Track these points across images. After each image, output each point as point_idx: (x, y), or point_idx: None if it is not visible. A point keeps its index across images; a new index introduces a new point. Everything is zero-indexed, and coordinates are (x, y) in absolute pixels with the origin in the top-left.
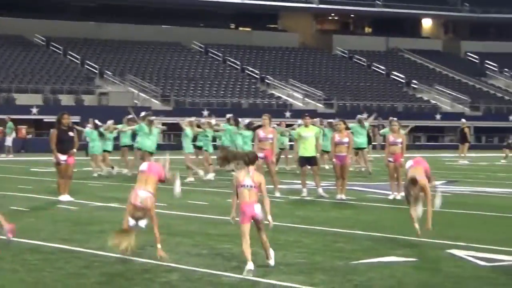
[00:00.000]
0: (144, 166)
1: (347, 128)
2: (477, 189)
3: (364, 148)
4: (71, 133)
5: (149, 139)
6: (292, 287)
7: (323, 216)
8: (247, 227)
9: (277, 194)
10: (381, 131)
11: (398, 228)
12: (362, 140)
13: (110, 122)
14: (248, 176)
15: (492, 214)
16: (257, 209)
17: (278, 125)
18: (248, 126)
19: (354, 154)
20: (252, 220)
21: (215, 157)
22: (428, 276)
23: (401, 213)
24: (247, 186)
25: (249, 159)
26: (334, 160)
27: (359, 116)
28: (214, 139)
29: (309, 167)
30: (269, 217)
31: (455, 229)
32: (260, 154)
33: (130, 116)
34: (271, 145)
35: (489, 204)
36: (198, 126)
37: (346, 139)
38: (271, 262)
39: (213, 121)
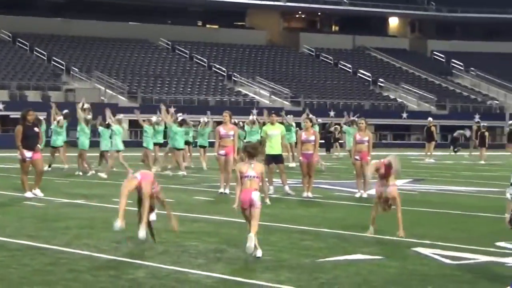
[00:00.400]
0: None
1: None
2: (442, 187)
3: None
4: (36, 129)
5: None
6: (259, 284)
7: (289, 214)
8: (247, 211)
9: (227, 191)
10: (343, 128)
11: (365, 226)
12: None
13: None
14: (251, 168)
15: (458, 212)
16: (255, 196)
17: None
18: (181, 123)
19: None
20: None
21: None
22: (394, 274)
23: (367, 211)
24: (250, 177)
25: (254, 152)
26: (300, 158)
27: (352, 118)
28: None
29: (275, 165)
30: (267, 200)
31: (421, 227)
32: (221, 152)
33: (65, 112)
34: (232, 142)
35: (454, 203)
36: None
37: (312, 137)
38: (258, 253)
39: (153, 118)
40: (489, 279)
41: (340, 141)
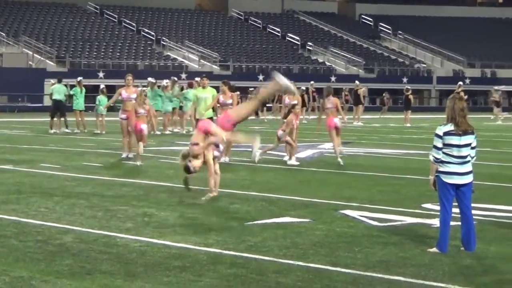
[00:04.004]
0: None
1: (233, 90)
2: (370, 150)
3: None
4: None
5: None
6: (187, 248)
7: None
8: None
9: (131, 155)
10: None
11: (293, 189)
12: None
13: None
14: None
15: (385, 175)
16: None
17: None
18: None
19: None
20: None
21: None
22: (321, 236)
23: (295, 174)
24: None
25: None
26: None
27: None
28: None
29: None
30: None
31: (348, 190)
32: (123, 116)
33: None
34: (133, 105)
35: (381, 165)
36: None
37: (230, 101)
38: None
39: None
40: (415, 240)
41: (267, 105)
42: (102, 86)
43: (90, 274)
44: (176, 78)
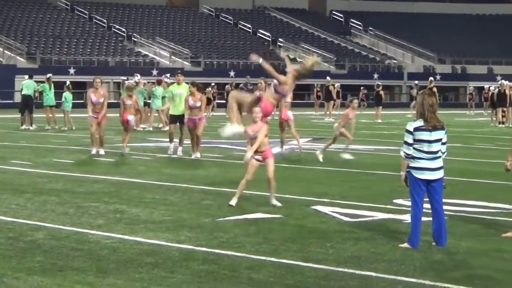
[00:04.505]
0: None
1: (200, 90)
2: (341, 146)
3: None
4: None
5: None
6: (159, 244)
7: (190, 174)
8: None
9: (102, 152)
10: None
11: (265, 186)
12: None
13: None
14: None
15: (356, 171)
16: None
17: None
18: None
19: None
20: None
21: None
22: (293, 232)
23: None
24: None
25: None
26: (186, 122)
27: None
28: None
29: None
30: None
31: (320, 186)
32: (94, 115)
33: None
34: (102, 107)
35: (353, 161)
36: None
37: (198, 103)
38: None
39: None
40: (387, 236)
41: None
42: (67, 82)
43: (62, 270)
44: (139, 75)
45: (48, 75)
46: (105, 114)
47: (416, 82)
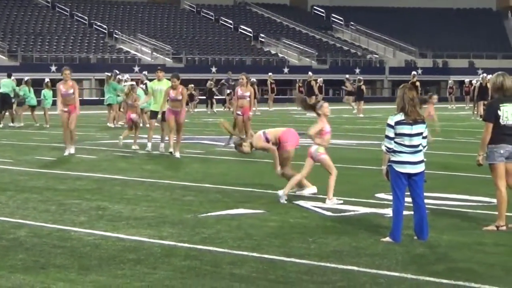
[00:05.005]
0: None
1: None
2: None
3: None
4: None
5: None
6: (141, 240)
7: (171, 170)
8: None
9: (72, 151)
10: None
11: (247, 181)
12: None
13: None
14: None
15: (338, 165)
16: None
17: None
18: None
19: None
20: None
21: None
22: (275, 227)
23: (249, 166)
24: None
25: None
26: (167, 114)
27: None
28: None
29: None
30: None
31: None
32: (64, 108)
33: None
34: (73, 99)
35: (335, 156)
36: None
37: (180, 97)
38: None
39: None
40: (369, 230)
41: (216, 97)
42: (46, 79)
43: (44, 268)
44: (117, 71)
45: (26, 78)
46: (76, 107)
47: (347, 76)
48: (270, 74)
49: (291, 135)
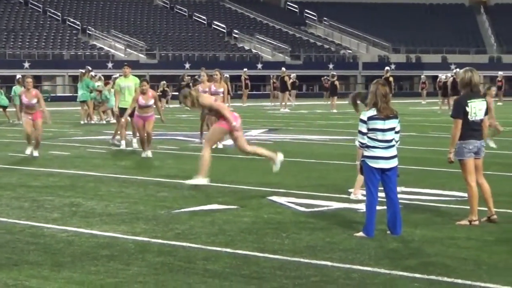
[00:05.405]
0: None
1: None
2: (297, 136)
3: None
4: None
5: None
6: (114, 237)
7: (145, 166)
8: None
9: (35, 154)
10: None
11: (220, 177)
12: None
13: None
14: None
15: (312, 161)
16: None
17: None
18: None
19: None
20: None
21: None
22: (249, 223)
23: (223, 161)
24: None
25: None
26: (135, 120)
27: None
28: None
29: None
30: None
31: (275, 176)
32: (29, 117)
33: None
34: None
35: (308, 151)
36: None
37: (151, 102)
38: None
39: None
40: (342, 225)
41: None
42: (18, 76)
43: (17, 265)
44: (90, 68)
45: None
46: (40, 115)
47: (273, 75)
48: (245, 70)
49: (234, 117)
